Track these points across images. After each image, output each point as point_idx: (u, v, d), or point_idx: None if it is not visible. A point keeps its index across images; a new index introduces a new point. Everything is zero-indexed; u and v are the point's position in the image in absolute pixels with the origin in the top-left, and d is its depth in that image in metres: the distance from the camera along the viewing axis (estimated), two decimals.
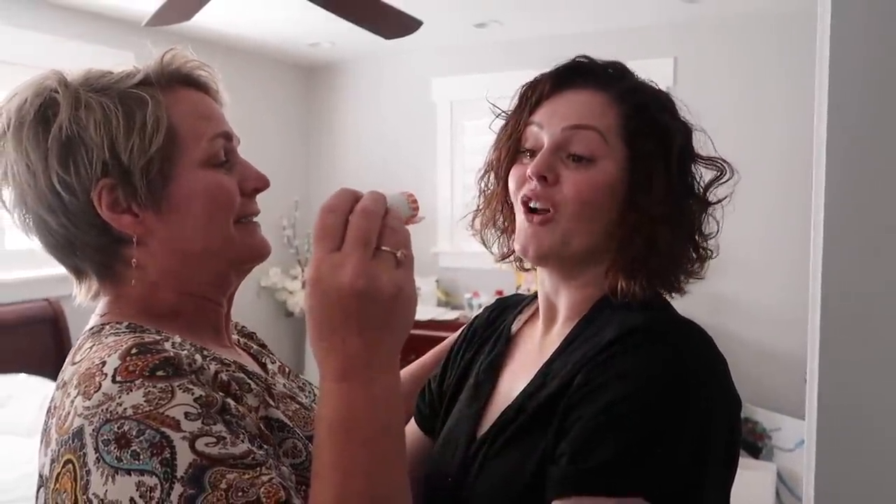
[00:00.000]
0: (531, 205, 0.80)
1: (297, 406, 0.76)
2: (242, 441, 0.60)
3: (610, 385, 0.69)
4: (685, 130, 0.84)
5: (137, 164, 0.71)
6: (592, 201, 0.78)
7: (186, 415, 0.59)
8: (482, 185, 0.93)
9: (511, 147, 0.85)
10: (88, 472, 0.58)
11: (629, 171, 0.79)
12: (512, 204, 0.86)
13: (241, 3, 3.24)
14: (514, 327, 0.95)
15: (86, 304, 0.78)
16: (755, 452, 3.44)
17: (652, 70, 3.75)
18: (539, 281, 0.88)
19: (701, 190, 0.84)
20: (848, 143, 1.00)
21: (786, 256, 3.32)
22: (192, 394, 0.61)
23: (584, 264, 0.82)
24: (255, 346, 0.93)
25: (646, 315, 0.77)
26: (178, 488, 0.55)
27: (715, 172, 0.86)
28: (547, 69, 0.86)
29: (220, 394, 0.64)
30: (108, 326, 0.72)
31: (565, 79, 0.84)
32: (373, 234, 0.59)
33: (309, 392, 0.90)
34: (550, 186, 0.79)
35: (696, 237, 0.83)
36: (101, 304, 0.77)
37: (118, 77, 0.73)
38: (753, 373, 3.50)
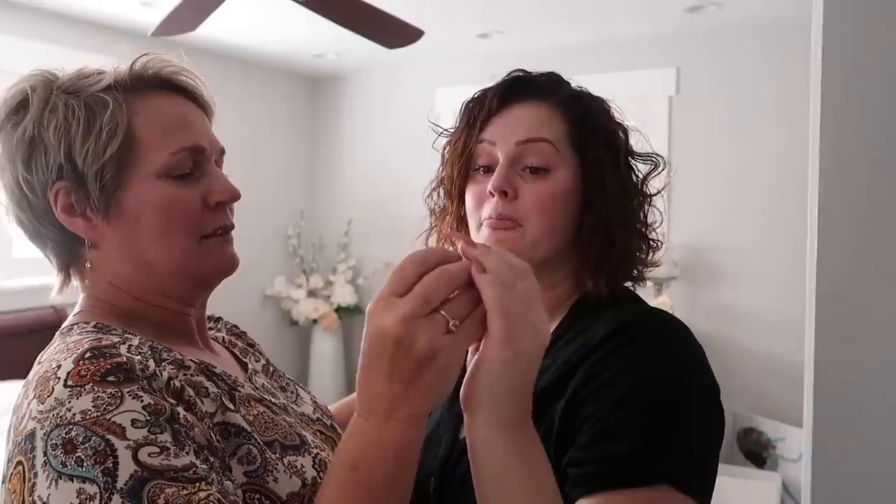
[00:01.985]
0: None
1: (263, 409, 0.75)
2: (187, 453, 0.60)
3: (615, 382, 0.72)
4: (625, 131, 0.88)
5: (91, 169, 0.71)
6: (554, 211, 0.82)
7: (133, 422, 0.59)
8: (430, 202, 0.96)
9: (463, 165, 0.88)
10: (35, 475, 0.58)
11: (582, 176, 0.84)
12: (467, 220, 0.89)
13: (245, 14, 3.27)
14: None
15: (55, 296, 0.79)
16: (760, 462, 3.43)
17: (654, 80, 3.79)
18: None
19: (639, 184, 0.89)
20: (840, 149, 1.01)
21: (789, 265, 3.32)
22: (142, 401, 0.61)
23: (547, 269, 0.85)
24: (240, 345, 0.93)
25: (629, 310, 0.81)
26: (116, 499, 0.55)
27: (650, 166, 0.89)
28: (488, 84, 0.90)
29: (172, 401, 0.64)
30: (76, 326, 0.73)
31: (509, 93, 0.87)
32: (437, 294, 0.59)
33: (291, 392, 0.90)
34: (511, 201, 0.82)
35: (645, 229, 0.87)
36: (78, 302, 0.78)
37: (95, 80, 0.74)
38: (758, 382, 3.50)
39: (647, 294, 3.51)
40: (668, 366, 0.73)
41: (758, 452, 3.45)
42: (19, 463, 0.60)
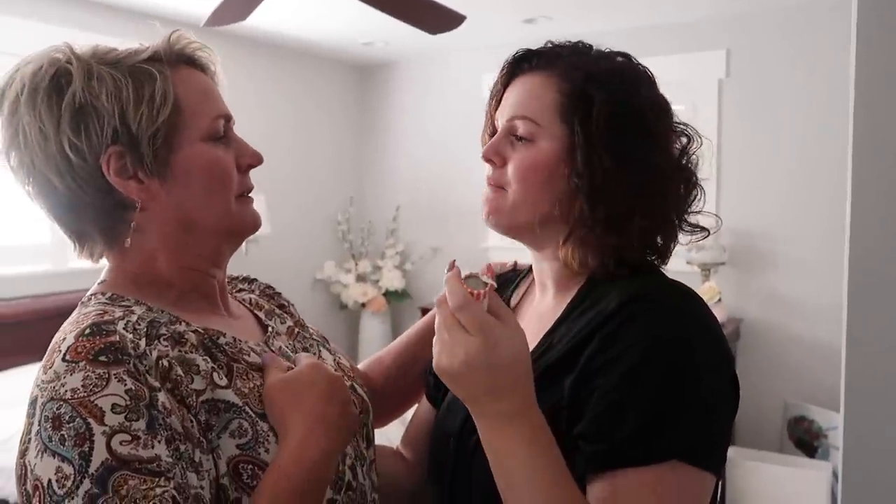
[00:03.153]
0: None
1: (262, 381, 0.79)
2: (159, 442, 0.65)
3: (622, 356, 0.73)
4: (626, 102, 0.83)
5: (145, 133, 0.75)
6: (532, 178, 0.84)
7: (113, 406, 0.64)
8: None
9: (489, 136, 0.94)
10: (29, 441, 0.65)
11: (568, 146, 0.83)
12: None
13: (295, 3, 3.34)
14: (514, 300, 1.01)
15: (88, 264, 0.84)
16: (811, 451, 3.37)
17: (704, 63, 3.75)
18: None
19: (659, 160, 0.83)
20: (873, 134, 1.00)
21: (840, 252, 3.23)
22: (125, 385, 0.65)
23: (543, 233, 0.87)
24: (267, 307, 0.98)
25: (641, 282, 0.81)
26: (86, 484, 0.61)
27: (685, 141, 0.86)
28: None
29: (157, 383, 0.68)
30: (93, 297, 0.78)
31: (516, 68, 0.90)
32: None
33: (314, 353, 0.94)
34: (500, 168, 0.87)
35: (644, 206, 0.82)
36: (104, 272, 0.83)
37: (126, 53, 0.78)
38: (809, 370, 3.43)
39: (694, 279, 3.48)
40: (676, 338, 0.74)
41: (809, 441, 3.39)
42: (25, 423, 0.68)
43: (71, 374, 0.65)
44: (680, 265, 3.47)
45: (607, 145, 0.81)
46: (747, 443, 3.54)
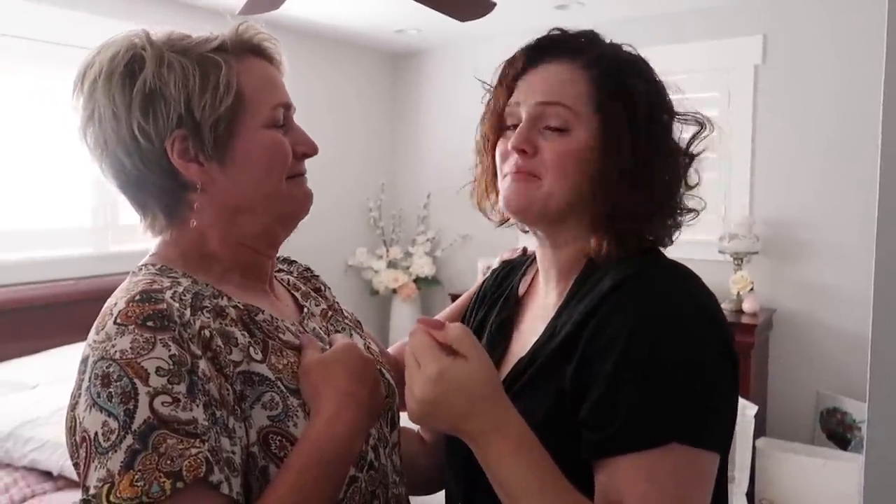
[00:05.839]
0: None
1: (296, 359, 0.83)
2: (197, 406, 0.68)
3: (612, 342, 0.74)
4: (654, 91, 0.87)
5: (208, 120, 0.80)
6: (569, 167, 0.84)
7: (157, 369, 0.68)
8: (476, 160, 1.01)
9: (495, 124, 0.93)
10: (80, 395, 0.70)
11: (600, 135, 0.84)
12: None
13: None
14: (521, 289, 1.02)
15: (128, 248, 0.89)
16: (844, 444, 3.33)
17: (739, 48, 3.69)
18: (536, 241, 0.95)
19: (673, 146, 0.86)
20: None
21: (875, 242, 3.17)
22: (169, 350, 0.69)
23: (564, 222, 0.88)
24: (303, 289, 1.02)
25: (637, 263, 0.82)
26: (129, 439, 0.65)
27: (695, 127, 0.88)
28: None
29: (198, 352, 0.72)
30: (144, 267, 0.84)
31: (539, 53, 0.90)
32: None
33: (346, 335, 0.96)
34: (531, 158, 0.86)
35: (669, 191, 0.85)
36: (155, 244, 0.88)
37: (197, 41, 0.82)
38: (843, 362, 3.38)
39: (727, 269, 3.44)
40: (663, 318, 0.74)
41: (841, 433, 3.35)
42: (76, 380, 0.72)
43: (121, 336, 0.69)
44: (712, 254, 3.44)
45: (648, 134, 0.83)
46: (778, 434, 3.51)
